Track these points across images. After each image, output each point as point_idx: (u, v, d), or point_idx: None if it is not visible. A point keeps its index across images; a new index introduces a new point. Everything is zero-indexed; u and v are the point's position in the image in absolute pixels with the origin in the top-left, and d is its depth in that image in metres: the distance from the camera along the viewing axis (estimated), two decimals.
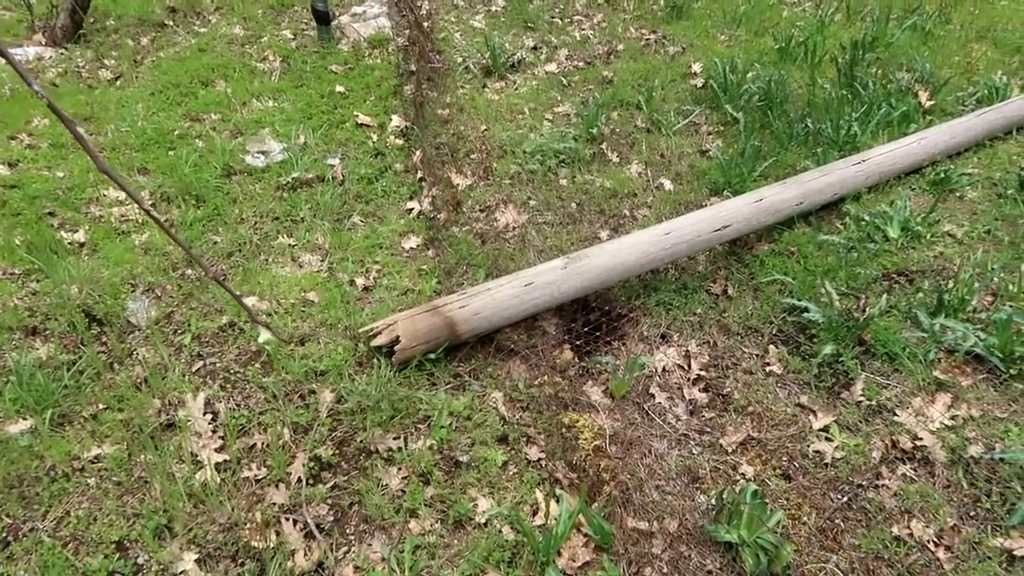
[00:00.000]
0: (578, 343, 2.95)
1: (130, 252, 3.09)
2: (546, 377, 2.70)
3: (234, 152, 3.81)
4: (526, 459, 2.41)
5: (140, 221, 3.31)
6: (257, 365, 2.61)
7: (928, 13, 5.57)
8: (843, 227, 3.44)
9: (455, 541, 2.15)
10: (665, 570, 2.14)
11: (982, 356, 2.73)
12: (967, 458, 2.41)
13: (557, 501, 2.24)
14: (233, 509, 2.14)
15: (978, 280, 3.00)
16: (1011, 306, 2.92)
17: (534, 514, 2.24)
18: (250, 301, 2.87)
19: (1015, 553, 2.14)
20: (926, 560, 2.15)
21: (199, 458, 2.27)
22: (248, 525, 2.10)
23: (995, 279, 3.04)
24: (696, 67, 4.93)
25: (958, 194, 3.65)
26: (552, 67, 5.02)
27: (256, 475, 2.26)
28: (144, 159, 3.72)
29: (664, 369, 2.85)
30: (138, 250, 3.12)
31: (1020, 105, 4.18)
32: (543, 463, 2.40)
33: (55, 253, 3.00)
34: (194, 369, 2.59)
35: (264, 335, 1.35)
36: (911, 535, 2.22)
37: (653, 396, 2.75)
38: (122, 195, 3.44)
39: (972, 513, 2.28)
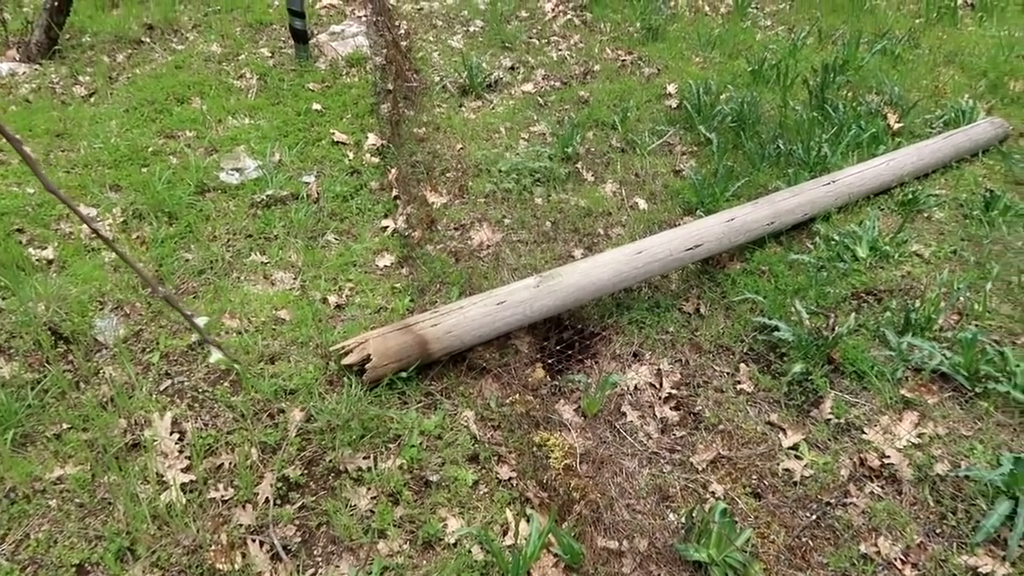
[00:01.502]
0: (551, 361, 2.95)
1: (99, 269, 3.06)
2: (518, 396, 2.70)
3: (208, 169, 3.79)
4: (497, 478, 2.40)
5: (111, 238, 3.28)
6: (226, 384, 2.58)
7: (897, 37, 5.69)
8: (813, 247, 3.48)
9: (424, 562, 2.13)
10: None
11: (948, 374, 2.77)
12: (933, 476, 2.44)
13: (527, 521, 2.23)
14: (198, 531, 2.11)
15: (944, 299, 3.05)
16: (976, 325, 2.97)
17: (504, 534, 2.23)
18: (221, 319, 2.85)
19: (980, 570, 2.16)
20: None
21: (165, 479, 2.24)
22: (213, 547, 2.07)
23: (961, 298, 3.09)
24: (671, 88, 4.99)
25: (925, 215, 3.72)
26: (529, 87, 5.06)
27: (223, 496, 2.23)
28: (117, 176, 3.69)
29: (636, 387, 2.86)
30: (107, 267, 3.09)
31: (985, 128, 4.27)
32: (514, 482, 2.39)
33: (22, 270, 2.97)
34: (162, 388, 2.56)
35: (216, 355, 1.33)
36: (878, 553, 2.23)
37: (625, 414, 2.76)
38: (93, 211, 3.41)
39: (938, 530, 2.30)
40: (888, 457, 2.51)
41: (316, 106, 4.47)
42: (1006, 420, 2.61)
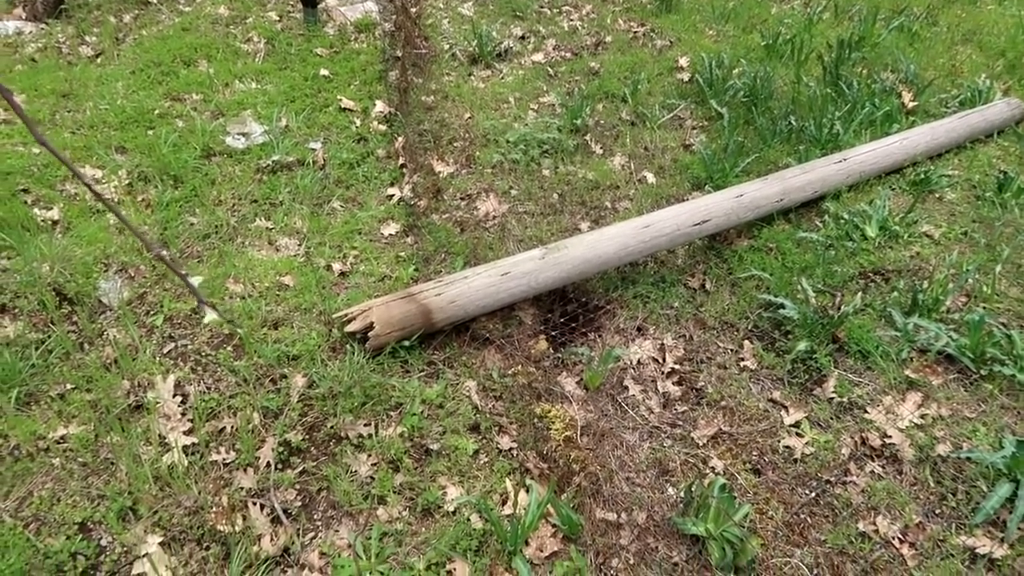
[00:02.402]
0: (554, 334, 2.95)
1: (104, 232, 3.05)
2: (520, 367, 2.70)
3: (214, 133, 3.77)
4: (497, 448, 2.41)
5: (116, 200, 3.27)
6: (229, 348, 2.59)
7: (915, 14, 5.59)
8: (822, 225, 3.45)
9: (423, 529, 2.15)
10: (632, 561, 2.15)
11: (953, 356, 2.75)
12: (935, 456, 2.43)
13: (527, 491, 2.24)
14: (200, 492, 2.13)
15: (953, 281, 3.02)
16: (984, 307, 2.95)
17: (503, 503, 2.24)
18: (225, 284, 2.85)
19: (978, 551, 2.17)
20: (890, 556, 2.17)
21: (167, 441, 2.25)
22: (214, 509, 2.08)
23: (970, 280, 3.06)
24: (683, 61, 4.92)
25: (937, 195, 3.67)
26: (539, 57, 5.00)
27: (224, 459, 2.24)
28: (122, 138, 3.67)
29: (639, 362, 2.85)
30: (112, 230, 3.08)
31: (1002, 109, 4.20)
32: (514, 453, 2.40)
33: (27, 230, 2.96)
34: (165, 351, 2.57)
35: (210, 315, 1.33)
36: (876, 531, 2.23)
37: (627, 388, 2.75)
38: (98, 173, 3.40)
39: (937, 511, 2.30)
40: (890, 437, 2.50)
41: (324, 72, 4.43)
42: (1010, 403, 2.60)
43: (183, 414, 2.35)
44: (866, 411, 2.61)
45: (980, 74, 4.77)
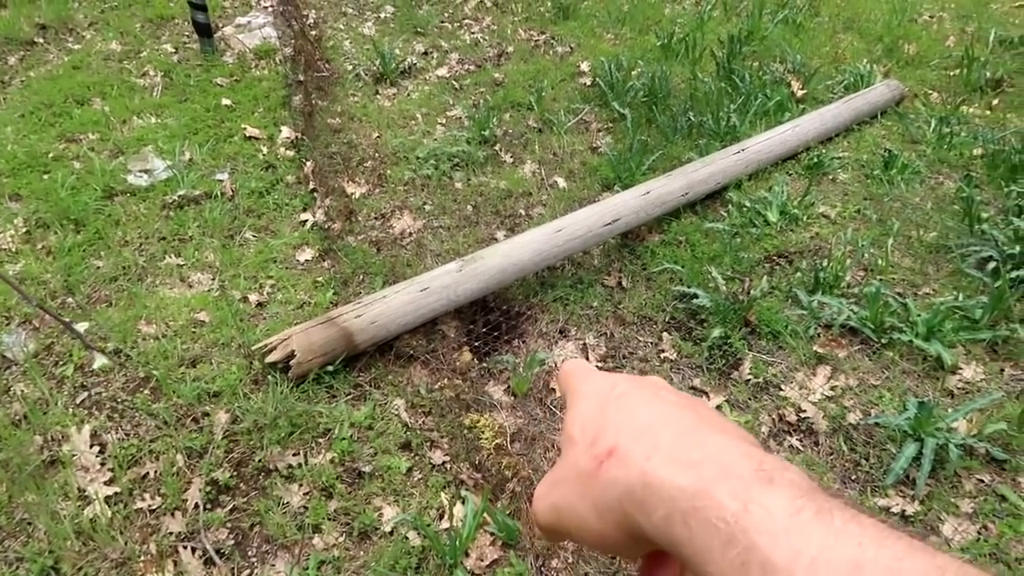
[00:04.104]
0: (478, 344, 2.98)
1: (2, 284, 2.93)
2: (447, 380, 2.72)
3: (115, 172, 3.66)
4: (430, 463, 2.42)
5: (14, 251, 3.15)
6: (146, 392, 2.52)
7: (798, 7, 5.87)
8: (727, 214, 3.59)
9: (361, 552, 2.14)
10: (571, 560, 2.19)
11: (856, 328, 2.91)
12: (847, 425, 2.57)
13: (463, 502, 2.26)
14: (126, 543, 2.07)
15: (850, 257, 3.20)
16: (880, 279, 3.12)
17: (440, 518, 2.25)
18: (137, 326, 2.78)
19: (892, 510, 2.30)
20: None
21: (87, 493, 2.18)
22: (143, 558, 2.03)
23: (865, 255, 3.24)
24: (584, 66, 5.04)
25: (831, 177, 3.88)
26: (443, 71, 5.04)
27: (150, 505, 2.19)
28: (16, 185, 3.53)
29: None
30: (22, 290, 2.96)
31: (883, 91, 4.46)
32: (447, 466, 2.42)
33: None
34: (78, 401, 2.49)
35: (99, 360, 1.31)
36: None
37: (554, 391, 2.80)
38: None
39: (853, 476, 2.43)
40: (804, 411, 2.63)
41: (226, 101, 4.36)
42: (910, 368, 2.77)
43: (102, 464, 2.28)
44: (781, 389, 2.73)
45: (861, 59, 5.05)
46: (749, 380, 2.77)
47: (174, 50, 4.97)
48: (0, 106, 4.26)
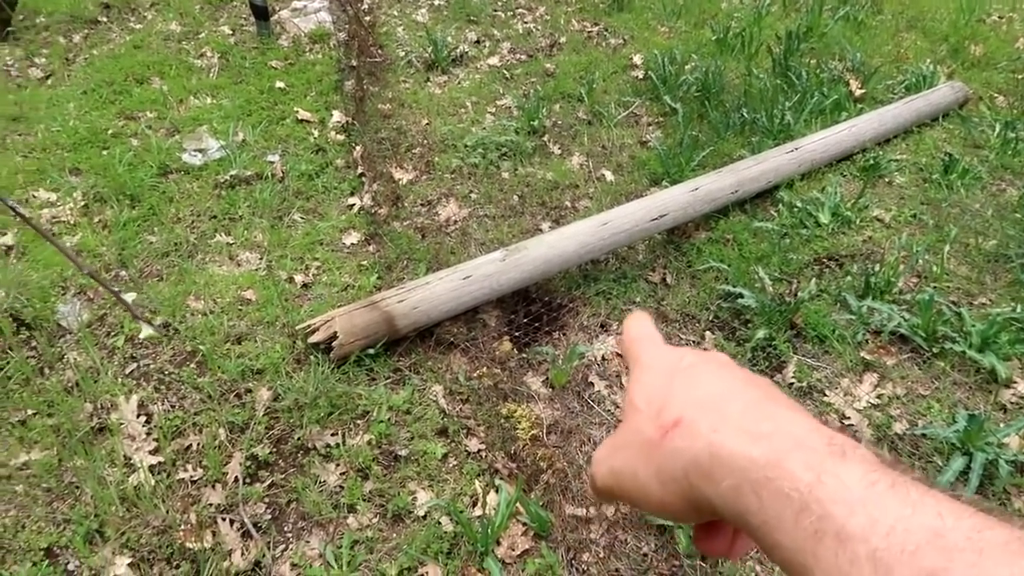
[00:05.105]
0: (518, 334, 2.97)
1: (60, 255, 3.01)
2: (486, 369, 2.73)
3: (170, 150, 3.74)
4: (466, 451, 2.43)
5: (72, 223, 3.24)
6: (192, 365, 2.58)
7: (860, 4, 5.71)
8: (777, 214, 3.52)
9: (394, 535, 2.16)
10: (602, 555, 2.18)
11: (906, 336, 2.83)
12: (892, 435, 2.50)
13: (496, 491, 2.26)
14: (167, 511, 2.12)
15: (904, 263, 3.11)
16: (934, 287, 3.03)
17: (473, 505, 2.26)
18: (186, 301, 2.84)
19: None
20: None
21: (132, 461, 2.24)
22: (183, 527, 2.08)
23: (920, 261, 3.15)
24: (637, 59, 4.99)
25: (887, 179, 3.77)
26: (495, 60, 5.03)
27: (191, 476, 2.24)
28: (76, 159, 3.64)
29: (603, 358, 2.89)
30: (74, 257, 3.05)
31: (945, 92, 4.32)
32: (483, 454, 2.43)
33: None
34: (127, 372, 2.55)
35: (146, 330, 1.35)
36: None
37: (592, 384, 2.79)
38: (53, 196, 3.36)
39: None
40: (848, 418, 2.57)
41: (279, 84, 4.42)
42: (962, 379, 2.68)
43: (148, 434, 2.34)
44: (825, 394, 2.67)
45: (924, 59, 4.90)
46: (793, 384, 2.72)
47: (231, 32, 5.05)
48: (64, 82, 4.39)
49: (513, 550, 2.15)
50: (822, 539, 0.32)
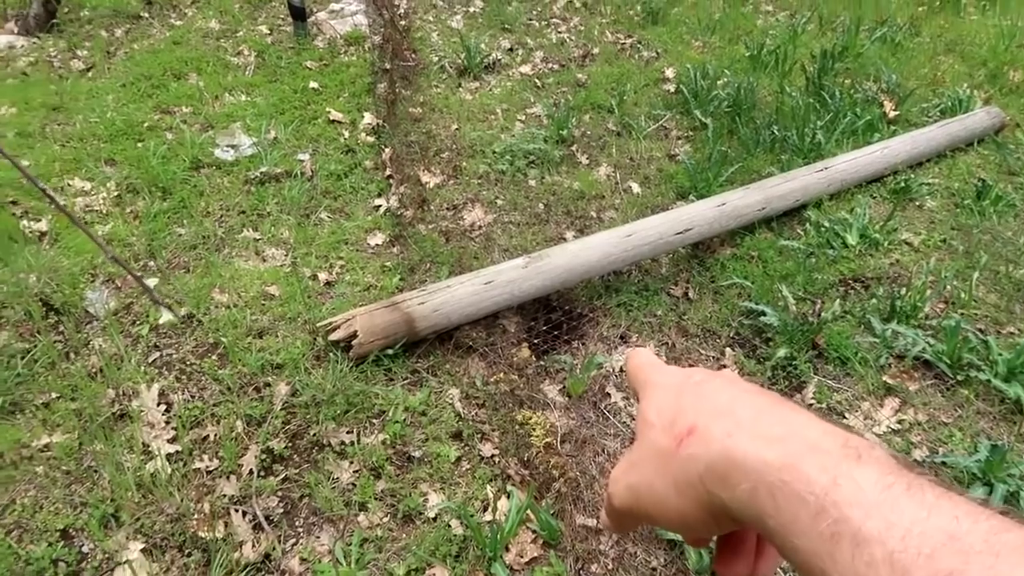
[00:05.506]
0: (537, 342, 2.98)
1: (90, 243, 3.07)
2: (503, 374, 2.73)
3: (203, 145, 3.80)
4: (479, 455, 2.43)
5: (104, 212, 3.30)
6: (214, 357, 2.61)
7: (898, 25, 5.66)
8: (803, 233, 3.49)
9: (403, 535, 2.17)
10: (611, 566, 2.17)
11: (931, 362, 2.79)
12: (911, 461, 2.46)
13: (507, 497, 2.26)
14: (182, 500, 2.15)
15: (931, 288, 3.06)
16: (962, 314, 2.99)
17: (484, 510, 2.26)
18: (211, 294, 2.88)
19: None
20: None
21: (150, 449, 2.27)
22: (196, 516, 2.10)
23: (948, 287, 3.10)
24: (669, 72, 4.98)
25: (917, 203, 3.72)
26: (527, 69, 5.05)
27: (207, 466, 2.26)
28: (112, 150, 3.71)
29: (621, 369, 2.88)
30: (100, 241, 3.10)
31: (982, 117, 4.26)
32: (496, 459, 2.43)
33: (15, 241, 2.99)
34: (150, 360, 2.59)
35: (166, 315, 1.37)
36: None
37: (609, 396, 2.78)
38: (87, 185, 3.43)
39: None
40: (871, 443, 2.53)
41: (313, 84, 4.47)
42: (986, 408, 2.64)
43: (167, 422, 2.37)
44: (845, 416, 2.64)
45: (961, 83, 4.84)
46: (812, 404, 2.69)
47: (269, 31, 5.13)
48: (104, 75, 4.48)
49: (522, 557, 2.14)
50: (839, 542, 0.32)
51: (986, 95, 4.75)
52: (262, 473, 2.27)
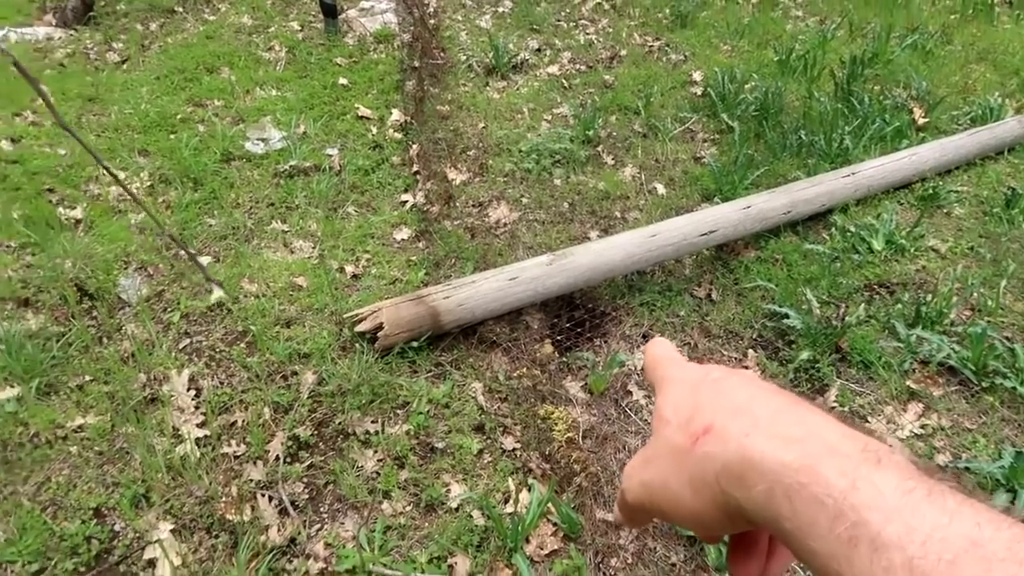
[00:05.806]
0: (560, 338, 3.00)
1: (125, 231, 3.15)
2: (526, 370, 2.75)
3: (234, 138, 3.87)
4: (501, 448, 2.46)
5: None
6: (242, 345, 2.66)
7: (930, 32, 5.62)
8: (829, 237, 3.49)
9: (426, 524, 2.20)
10: (630, 561, 2.18)
11: (955, 368, 2.77)
12: (932, 467, 2.45)
13: (528, 490, 2.29)
14: (210, 483, 2.19)
15: (957, 294, 3.05)
16: (988, 321, 2.97)
17: (505, 502, 2.29)
18: (240, 283, 2.93)
19: None
20: None
21: (180, 432, 2.32)
22: (224, 499, 2.15)
23: (974, 294, 3.09)
24: (696, 75, 4.98)
25: (945, 210, 3.70)
26: (554, 69, 5.07)
27: (235, 451, 2.31)
28: (145, 141, 3.78)
29: (643, 368, 2.89)
30: (133, 229, 3.18)
31: (1013, 126, 4.22)
32: (518, 453, 2.45)
33: (51, 228, 3.06)
34: (180, 346, 2.65)
35: (217, 292, 1.42)
36: None
37: (631, 393, 2.80)
38: (122, 175, 3.50)
39: None
40: (891, 447, 2.52)
41: (343, 80, 4.53)
42: (1011, 415, 2.62)
43: (196, 407, 2.42)
44: (867, 420, 2.63)
45: (993, 92, 4.79)
46: (834, 408, 2.69)
47: (300, 28, 5.19)
48: (138, 67, 4.56)
49: (542, 549, 2.17)
50: (857, 546, 0.32)
51: (1018, 104, 4.71)
52: (288, 459, 2.31)
